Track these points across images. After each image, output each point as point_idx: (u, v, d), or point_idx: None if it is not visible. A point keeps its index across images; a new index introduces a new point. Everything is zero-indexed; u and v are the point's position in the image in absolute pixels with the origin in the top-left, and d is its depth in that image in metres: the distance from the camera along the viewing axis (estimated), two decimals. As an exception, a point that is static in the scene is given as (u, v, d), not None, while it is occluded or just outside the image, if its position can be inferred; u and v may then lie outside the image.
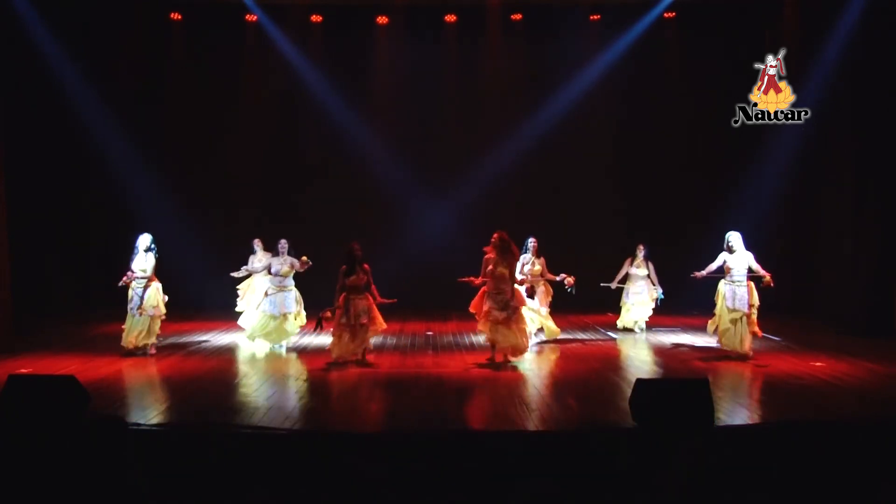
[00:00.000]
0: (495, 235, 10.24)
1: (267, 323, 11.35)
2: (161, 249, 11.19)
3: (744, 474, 5.73)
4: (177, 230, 14.81)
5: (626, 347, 11.81)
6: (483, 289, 10.34)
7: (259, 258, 12.55)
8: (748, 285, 10.62)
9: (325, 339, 12.44)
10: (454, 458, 6.12)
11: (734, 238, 10.72)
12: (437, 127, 16.52)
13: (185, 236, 15.08)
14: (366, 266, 10.23)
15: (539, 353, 11.26)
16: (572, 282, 11.75)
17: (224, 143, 16.13)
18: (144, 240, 10.95)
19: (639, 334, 12.80)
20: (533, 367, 10.16)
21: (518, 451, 6.39)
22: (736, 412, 7.58)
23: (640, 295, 12.82)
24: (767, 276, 10.53)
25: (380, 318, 10.32)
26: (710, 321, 10.95)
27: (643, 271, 12.83)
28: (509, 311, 10.09)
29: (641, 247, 12.96)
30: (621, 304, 13.09)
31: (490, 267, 10.18)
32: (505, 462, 6.18)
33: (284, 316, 11.34)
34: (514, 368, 9.97)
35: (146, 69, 15.82)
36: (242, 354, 11.18)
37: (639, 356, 11.23)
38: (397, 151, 16.18)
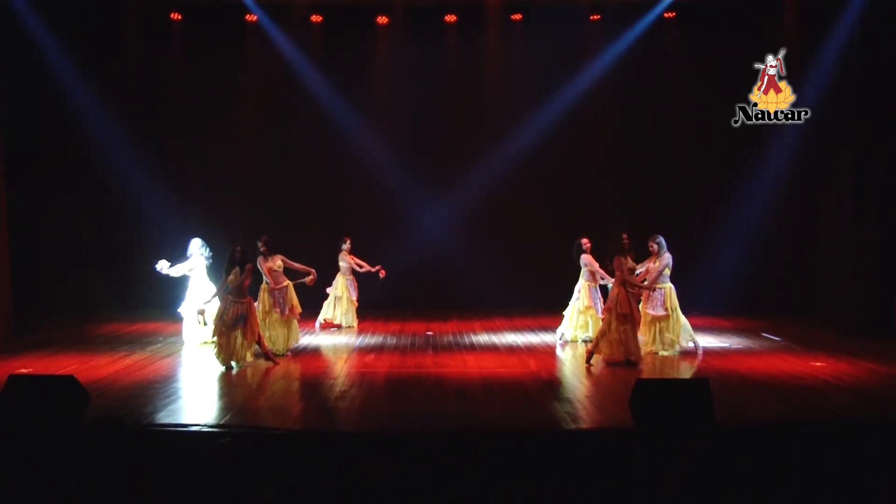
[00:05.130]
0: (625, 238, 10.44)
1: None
2: (162, 249, 11.14)
3: (744, 474, 5.73)
4: (176, 230, 14.77)
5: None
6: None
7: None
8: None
9: (323, 341, 12.46)
10: (454, 458, 6.11)
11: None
12: (437, 127, 16.49)
13: (184, 236, 15.04)
14: (248, 266, 9.99)
15: (542, 352, 11.27)
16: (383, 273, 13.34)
17: (223, 142, 16.10)
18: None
19: None
20: (534, 366, 10.15)
21: (518, 451, 6.39)
22: (736, 412, 7.57)
23: None
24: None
25: (255, 328, 10.01)
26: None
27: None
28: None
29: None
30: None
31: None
32: (505, 462, 6.17)
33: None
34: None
35: (146, 69, 15.80)
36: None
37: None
38: (397, 151, 16.17)
